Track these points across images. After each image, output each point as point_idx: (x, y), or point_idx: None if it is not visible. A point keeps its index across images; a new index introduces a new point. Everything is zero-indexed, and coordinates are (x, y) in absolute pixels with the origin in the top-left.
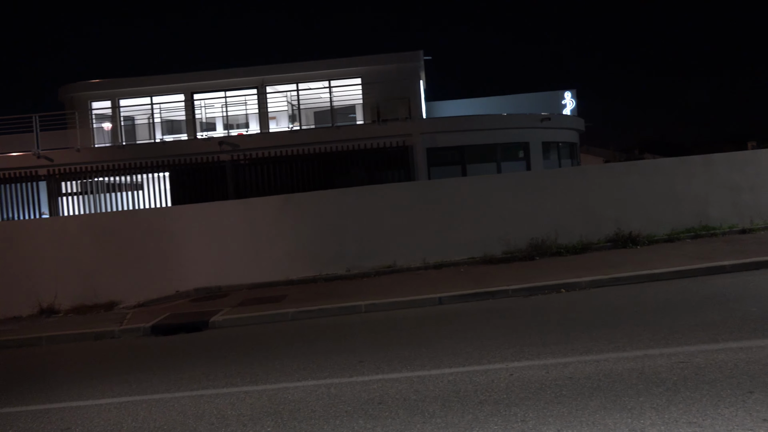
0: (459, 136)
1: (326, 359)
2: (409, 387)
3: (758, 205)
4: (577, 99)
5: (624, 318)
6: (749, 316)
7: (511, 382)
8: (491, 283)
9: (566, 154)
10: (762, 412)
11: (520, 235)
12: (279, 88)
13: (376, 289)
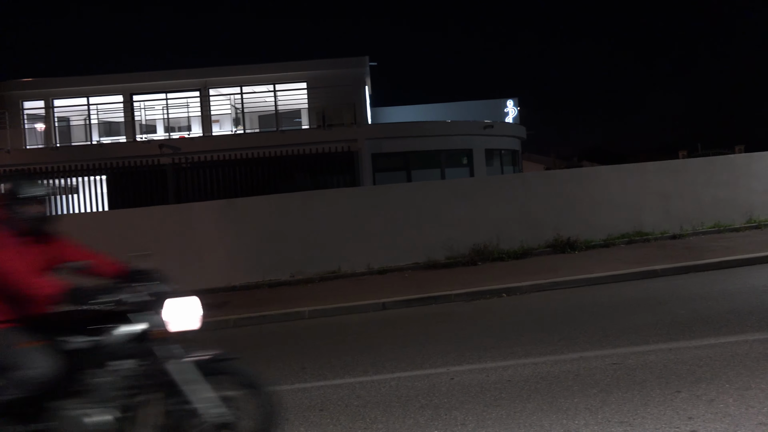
0: (404, 142)
1: (268, 366)
2: (351, 393)
3: (687, 211)
4: (519, 107)
5: (562, 321)
6: (678, 318)
7: (452, 386)
8: (434, 288)
9: (508, 161)
10: (688, 410)
11: (464, 241)
12: (222, 90)
13: (320, 294)
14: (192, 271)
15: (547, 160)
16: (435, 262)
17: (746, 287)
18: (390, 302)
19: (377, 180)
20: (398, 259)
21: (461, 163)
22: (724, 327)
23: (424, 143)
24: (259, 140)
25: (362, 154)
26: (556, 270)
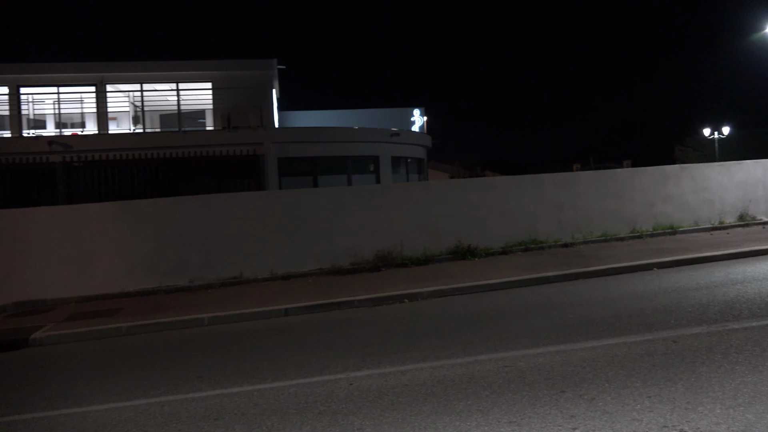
0: (311, 147)
1: (162, 376)
2: (249, 401)
3: (579, 221)
4: (425, 116)
5: (460, 326)
6: (567, 322)
7: (350, 392)
8: (338, 293)
9: (414, 169)
10: (571, 409)
11: (368, 247)
12: (121, 87)
13: (220, 301)
14: (82, 276)
15: (452, 168)
16: (339, 267)
17: (628, 293)
18: (293, 308)
19: (283, 185)
20: (303, 264)
21: (368, 170)
22: (607, 330)
23: (332, 149)
24: (159, 140)
25: (268, 158)
26: (456, 276)
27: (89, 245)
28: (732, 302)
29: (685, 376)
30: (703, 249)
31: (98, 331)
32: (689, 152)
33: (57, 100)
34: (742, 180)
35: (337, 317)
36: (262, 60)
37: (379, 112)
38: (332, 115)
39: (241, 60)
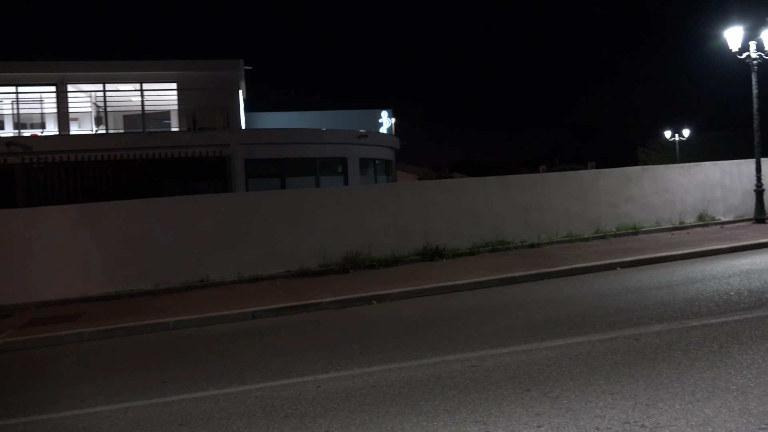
0: (278, 149)
1: (125, 381)
2: (215, 405)
3: (545, 222)
4: (393, 118)
5: (428, 327)
6: (533, 321)
7: (318, 394)
8: (306, 296)
9: (382, 170)
10: (536, 407)
11: (336, 249)
12: (83, 87)
13: (186, 304)
14: (42, 281)
15: (421, 170)
16: (307, 269)
17: (592, 292)
18: (260, 311)
19: (250, 186)
20: (270, 267)
21: (336, 172)
22: (571, 329)
23: (299, 150)
24: (123, 141)
25: (235, 159)
26: (424, 277)
27: (49, 249)
28: (692, 300)
29: (647, 373)
30: (665, 249)
31: (59, 337)
32: (651, 154)
33: (15, 100)
34: (701, 181)
35: (305, 319)
36: (229, 60)
37: (347, 114)
38: (300, 117)
39: (207, 60)
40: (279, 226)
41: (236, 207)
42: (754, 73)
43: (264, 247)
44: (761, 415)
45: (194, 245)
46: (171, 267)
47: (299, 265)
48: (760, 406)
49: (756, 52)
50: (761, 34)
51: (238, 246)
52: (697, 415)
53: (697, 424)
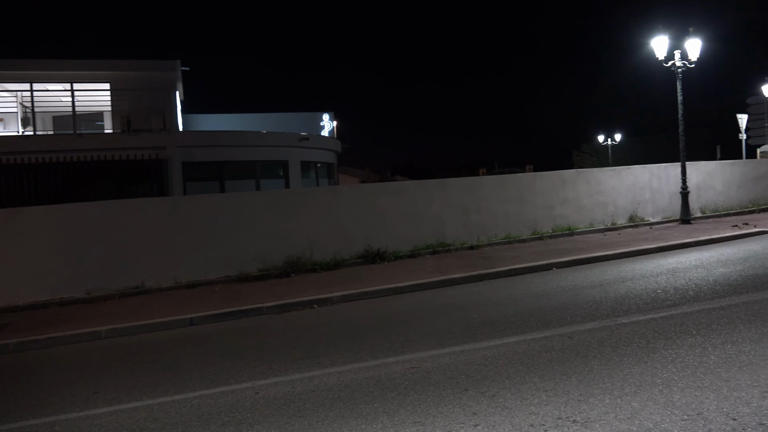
0: (218, 152)
1: (52, 394)
2: (149, 416)
3: (484, 224)
4: (335, 121)
5: (368, 330)
6: (471, 322)
7: (256, 401)
8: (246, 301)
9: (324, 173)
10: (473, 406)
11: (277, 253)
12: (7, 86)
13: (120, 312)
14: None
15: (363, 173)
16: (248, 274)
17: (529, 292)
18: (198, 317)
19: (188, 190)
20: (209, 272)
21: (277, 175)
22: (508, 329)
23: (239, 153)
24: (53, 143)
25: (172, 162)
26: (366, 280)
27: None
28: (622, 298)
29: (579, 369)
30: (598, 249)
31: None
32: (585, 158)
33: None
34: (631, 184)
35: (245, 325)
36: (165, 61)
37: (288, 116)
38: (240, 119)
39: (142, 60)
40: (218, 230)
41: (173, 211)
42: (678, 81)
43: (202, 251)
44: (684, 407)
45: (129, 251)
46: (104, 274)
47: (239, 269)
48: (683, 398)
49: (680, 61)
50: (685, 44)
51: (175, 251)
52: (625, 408)
53: (625, 418)
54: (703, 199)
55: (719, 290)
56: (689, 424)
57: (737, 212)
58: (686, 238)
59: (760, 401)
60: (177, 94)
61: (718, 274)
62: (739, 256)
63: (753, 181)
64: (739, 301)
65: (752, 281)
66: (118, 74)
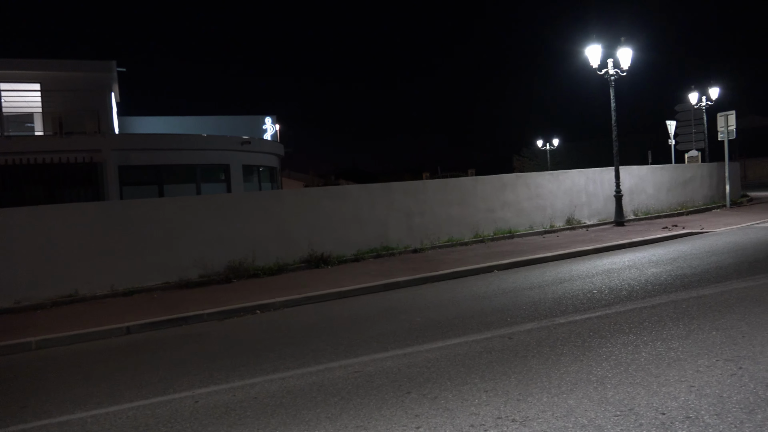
0: (156, 155)
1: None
2: (82, 429)
3: (427, 227)
4: (278, 124)
5: (312, 335)
6: (414, 325)
7: (196, 410)
8: (186, 308)
9: (267, 177)
10: (415, 408)
11: (218, 258)
12: None
13: (51, 322)
14: None
15: (307, 177)
16: (188, 280)
17: (471, 294)
18: (135, 326)
19: (125, 194)
20: (147, 279)
21: (218, 179)
22: (450, 331)
23: (179, 157)
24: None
25: (107, 165)
26: (309, 285)
27: None
28: (560, 299)
29: (518, 369)
30: (537, 251)
31: None
32: (525, 162)
33: None
34: (568, 187)
35: (185, 333)
36: (99, 61)
37: (229, 120)
38: (179, 122)
39: (75, 60)
40: (156, 235)
41: (108, 216)
42: (612, 88)
43: (140, 257)
44: (617, 403)
45: (61, 258)
46: (35, 282)
47: (179, 276)
48: (616, 395)
49: (613, 69)
50: (617, 53)
51: (111, 258)
52: (561, 406)
53: (562, 415)
54: (635, 202)
55: (650, 290)
56: (621, 419)
57: (667, 214)
58: (620, 240)
59: (687, 395)
60: (113, 95)
61: (649, 274)
62: (669, 256)
63: (681, 185)
64: (669, 300)
65: (680, 281)
66: (49, 74)
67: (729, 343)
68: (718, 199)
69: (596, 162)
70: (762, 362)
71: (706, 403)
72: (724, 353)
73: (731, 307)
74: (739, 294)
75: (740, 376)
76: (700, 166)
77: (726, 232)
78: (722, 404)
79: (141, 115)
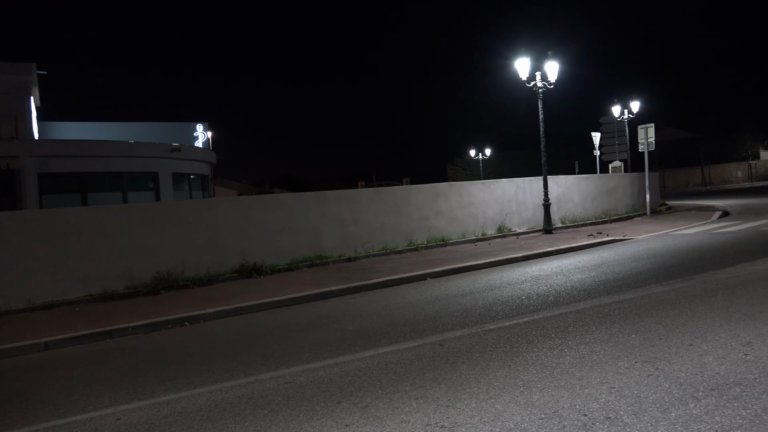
0: (79, 162)
1: None
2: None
3: (361, 236)
4: (210, 132)
5: (243, 346)
6: (347, 334)
7: (117, 427)
8: (110, 321)
9: (198, 185)
10: (346, 418)
11: (146, 269)
12: None
13: None
14: None
15: (240, 185)
16: (113, 293)
17: (404, 302)
18: (54, 341)
19: (45, 203)
20: (68, 291)
21: (147, 187)
22: (382, 339)
23: (104, 164)
24: None
25: (26, 173)
26: (241, 295)
27: None
28: (490, 305)
29: (448, 376)
30: (469, 259)
31: None
32: (458, 171)
33: None
34: (499, 196)
35: (109, 347)
36: (17, 63)
37: (158, 126)
38: (105, 128)
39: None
40: (78, 245)
41: (24, 226)
42: (540, 100)
43: (60, 269)
44: (542, 406)
45: None
46: None
47: (103, 287)
48: (542, 398)
49: (541, 81)
50: (545, 66)
51: (27, 270)
52: (489, 411)
53: (489, 420)
54: (563, 210)
55: (576, 295)
56: (546, 422)
57: (593, 222)
58: (549, 247)
59: (608, 396)
60: (32, 99)
61: (575, 280)
62: (594, 263)
63: (605, 194)
64: (593, 305)
65: (604, 286)
66: None
67: (647, 345)
68: (639, 208)
69: (527, 171)
70: (676, 362)
71: (625, 403)
72: (642, 355)
73: (650, 310)
74: (657, 298)
75: (656, 376)
76: (622, 176)
77: (646, 239)
78: (640, 404)
79: (64, 121)
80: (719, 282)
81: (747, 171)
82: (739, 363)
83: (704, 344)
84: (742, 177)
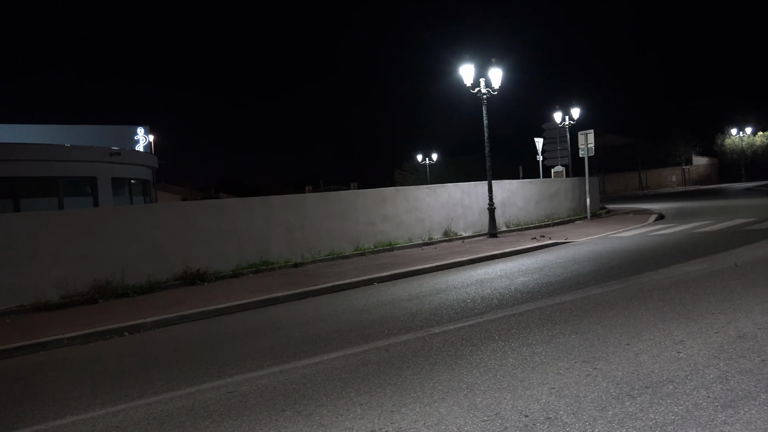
0: (11, 166)
1: None
2: None
3: (308, 241)
4: (151, 135)
5: (184, 356)
6: (293, 340)
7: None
8: (43, 332)
9: (139, 191)
10: (289, 427)
11: (83, 277)
12: None
13: None
14: None
15: (184, 191)
16: (46, 302)
17: (351, 307)
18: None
19: None
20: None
21: (84, 192)
22: (329, 345)
23: (38, 168)
24: None
25: None
26: (184, 303)
27: None
28: (436, 309)
29: (393, 380)
30: (416, 263)
31: None
32: (406, 176)
33: None
34: (445, 201)
35: (42, 360)
36: None
37: (97, 129)
38: (41, 130)
39: None
40: (8, 254)
41: None
42: (484, 106)
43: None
44: (485, 409)
45: None
46: None
47: (36, 297)
48: (485, 401)
49: (485, 88)
50: (489, 73)
51: None
52: (433, 415)
53: (433, 424)
54: (507, 215)
55: (519, 297)
56: (488, 424)
57: (536, 226)
58: (493, 251)
59: (548, 397)
60: None
61: (518, 282)
62: (537, 265)
63: (548, 198)
64: (535, 307)
65: (546, 288)
66: None
67: (586, 346)
68: (580, 211)
69: (473, 176)
70: (614, 362)
71: (565, 403)
72: (582, 355)
73: (589, 311)
74: (597, 299)
75: (595, 376)
76: (564, 180)
77: (587, 242)
78: (578, 403)
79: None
80: (654, 283)
81: (681, 176)
82: (672, 361)
83: (640, 343)
84: (676, 181)
